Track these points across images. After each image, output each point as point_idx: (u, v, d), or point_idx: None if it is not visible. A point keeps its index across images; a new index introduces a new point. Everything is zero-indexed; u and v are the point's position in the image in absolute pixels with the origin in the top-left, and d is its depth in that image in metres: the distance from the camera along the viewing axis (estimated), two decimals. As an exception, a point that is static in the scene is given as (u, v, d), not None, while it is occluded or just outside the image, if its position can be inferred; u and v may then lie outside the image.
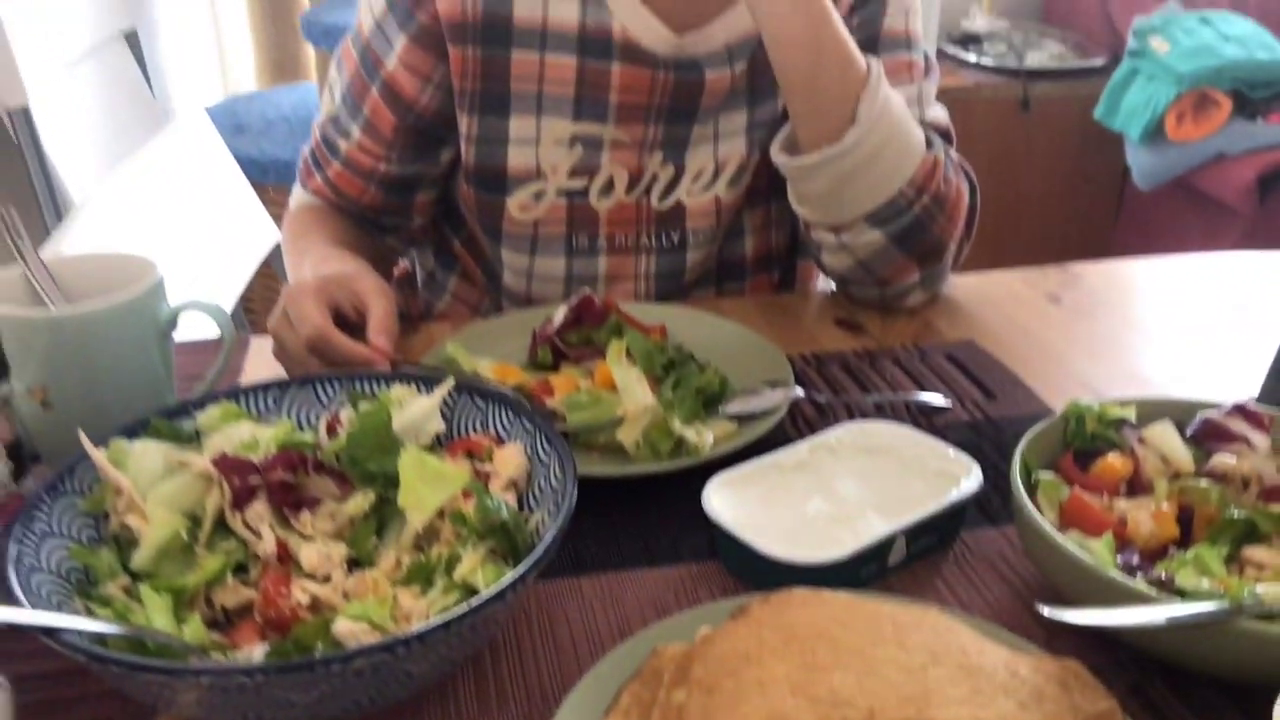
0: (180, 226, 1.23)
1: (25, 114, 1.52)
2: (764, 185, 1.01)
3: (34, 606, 0.51)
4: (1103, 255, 2.67)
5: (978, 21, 2.74)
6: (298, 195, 1.06)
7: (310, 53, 2.46)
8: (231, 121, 2.23)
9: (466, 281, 1.10)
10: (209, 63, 2.73)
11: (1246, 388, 0.78)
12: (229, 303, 1.33)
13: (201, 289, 1.24)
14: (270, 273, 1.63)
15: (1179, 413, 0.67)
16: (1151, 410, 0.67)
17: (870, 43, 0.95)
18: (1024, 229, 2.62)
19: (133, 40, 2.05)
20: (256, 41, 2.54)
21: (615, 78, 0.93)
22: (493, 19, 0.91)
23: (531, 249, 0.99)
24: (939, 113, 0.98)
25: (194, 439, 0.64)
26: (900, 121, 0.87)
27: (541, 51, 0.92)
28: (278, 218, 1.56)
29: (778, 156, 0.90)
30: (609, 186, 0.97)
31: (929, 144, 0.90)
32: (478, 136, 0.96)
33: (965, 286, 1.01)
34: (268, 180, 2.05)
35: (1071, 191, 2.62)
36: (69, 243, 0.98)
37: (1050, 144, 2.56)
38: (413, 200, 1.02)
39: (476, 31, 0.92)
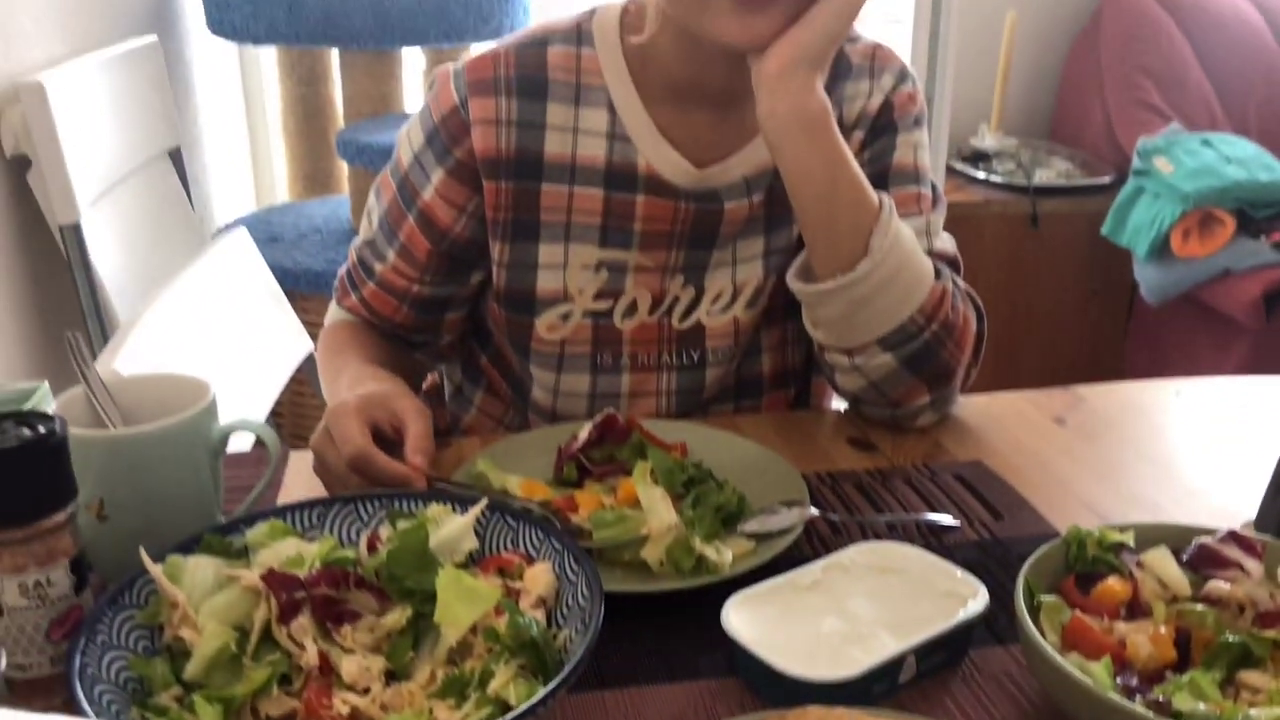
0: (221, 341, 1.29)
1: (76, 230, 1.60)
2: (780, 306, 1.06)
3: (98, 716, 0.54)
4: (1114, 367, 2.71)
5: (986, 140, 2.83)
6: (333, 312, 1.12)
7: (343, 167, 2.56)
8: (266, 232, 2.31)
9: (492, 395, 1.15)
10: (245, 175, 2.84)
11: (1247, 511, 0.81)
12: (263, 411, 1.38)
13: (237, 399, 1.29)
14: (300, 378, 1.68)
15: (1176, 538, 0.70)
16: (1149, 535, 0.70)
17: (880, 176, 1.01)
18: (1036, 341, 2.67)
19: (174, 155, 2.15)
20: (291, 155, 2.64)
21: (640, 208, 0.99)
22: (525, 155, 0.98)
23: (558, 367, 1.04)
24: (946, 243, 1.03)
25: (244, 554, 0.68)
26: (910, 253, 0.93)
27: (570, 184, 0.99)
28: (308, 323, 1.62)
29: (793, 283, 0.95)
30: (632, 308, 1.03)
31: (937, 274, 0.95)
32: (509, 262, 1.02)
33: (974, 407, 1.05)
34: (299, 288, 2.12)
35: (1081, 305, 2.67)
36: (121, 359, 1.04)
37: (1059, 258, 2.62)
38: (443, 319, 1.08)
39: (510, 167, 0.98)
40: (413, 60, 2.50)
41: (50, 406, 0.80)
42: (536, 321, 1.03)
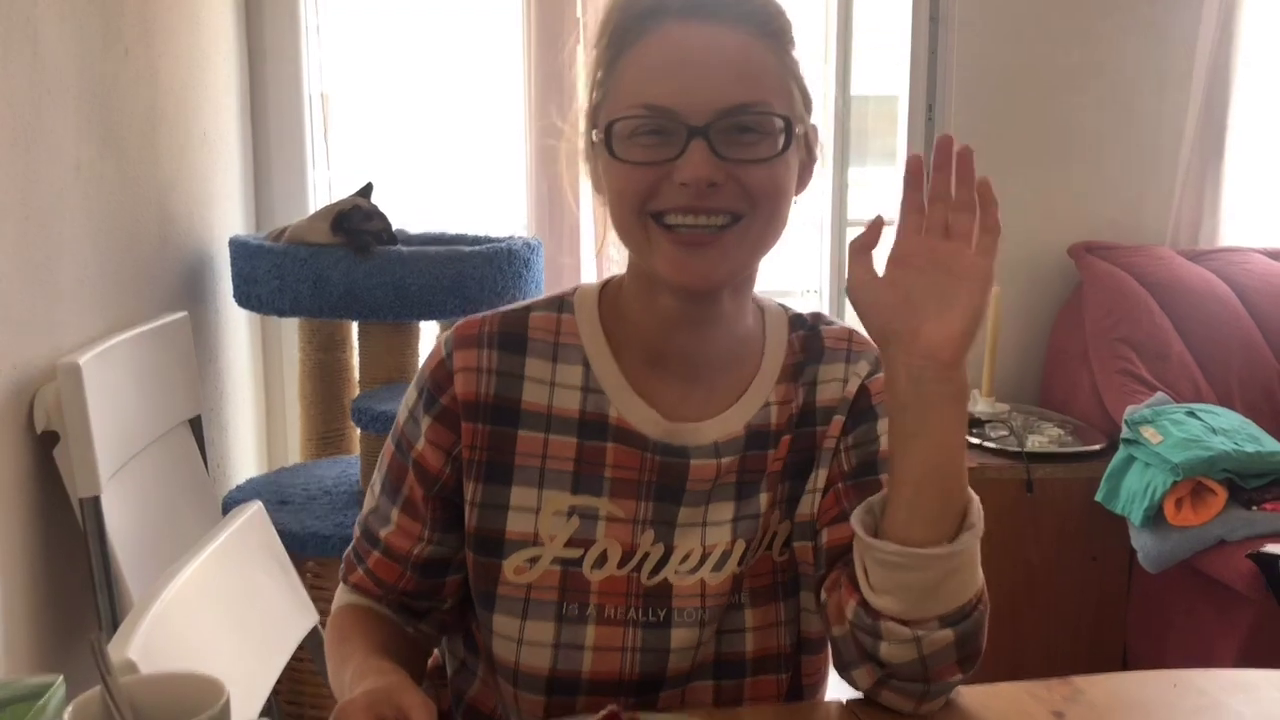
0: (230, 621, 1.30)
1: (95, 503, 1.64)
2: (769, 587, 1.08)
3: None
4: (1116, 637, 2.68)
5: (979, 405, 2.92)
6: (340, 595, 1.16)
7: (355, 429, 2.63)
8: (277, 494, 2.36)
9: (493, 667, 1.15)
10: (260, 437, 2.92)
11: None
12: (266, 688, 1.38)
13: (243, 679, 1.30)
14: (300, 651, 1.68)
15: None
16: None
17: (870, 463, 1.07)
18: (1037, 607, 2.65)
19: (194, 421, 2.23)
20: (305, 418, 2.72)
21: (609, 455, 1.05)
22: (502, 402, 1.05)
23: (523, 613, 1.05)
24: None
25: None
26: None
27: (546, 432, 1.05)
28: (313, 588, 1.64)
29: (888, 545, 0.95)
30: (603, 559, 1.05)
31: None
32: (480, 501, 1.06)
33: (974, 698, 1.06)
34: (306, 554, 2.15)
35: (1081, 571, 2.68)
36: (135, 646, 1.05)
37: (1056, 524, 2.65)
38: (444, 582, 1.11)
39: (487, 411, 1.05)
40: (429, 330, 2.63)
41: (65, 707, 0.82)
42: (504, 564, 1.05)
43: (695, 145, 0.94)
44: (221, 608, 1.30)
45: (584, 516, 1.05)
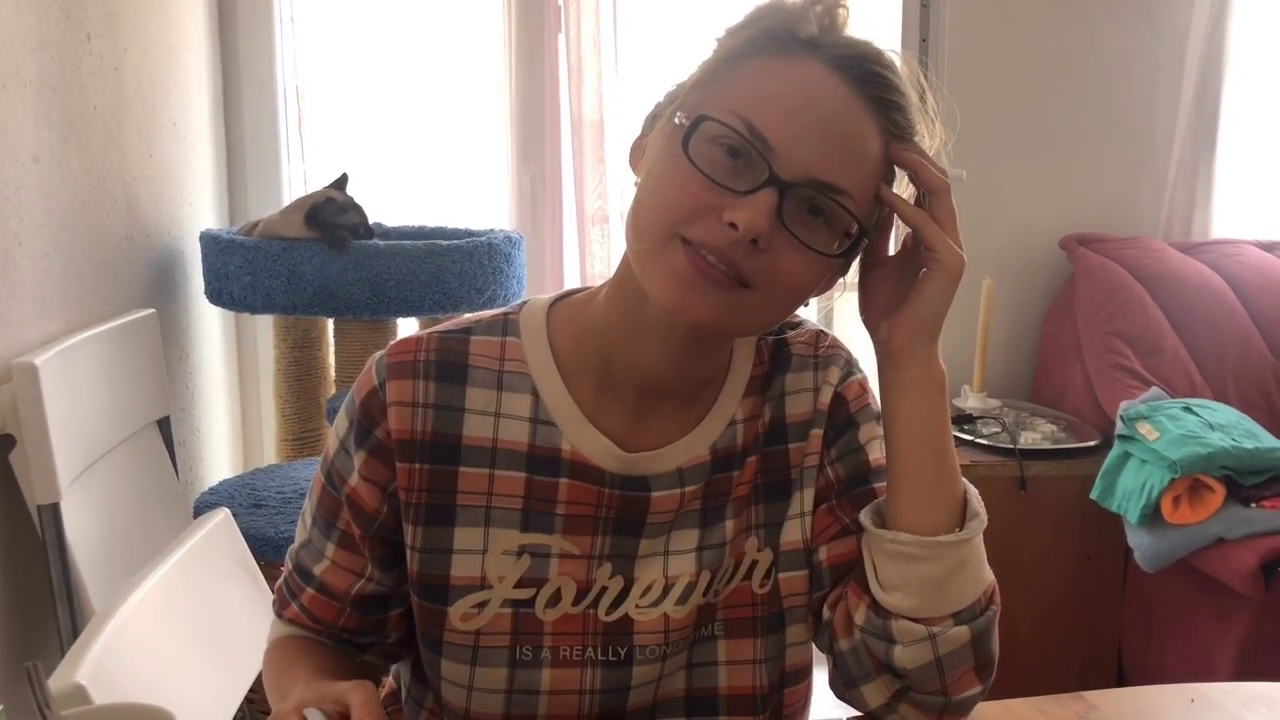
0: (194, 636, 1.24)
1: (54, 510, 1.57)
2: (746, 618, 1.01)
3: None
4: (1111, 638, 2.63)
5: (970, 400, 2.86)
6: (275, 628, 1.07)
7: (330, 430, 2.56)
8: (251, 498, 2.28)
9: (440, 699, 1.08)
10: (234, 438, 2.84)
11: None
12: (232, 706, 1.31)
13: (205, 698, 1.23)
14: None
15: None
16: None
17: (862, 474, 1.01)
18: (1031, 608, 2.60)
19: (162, 423, 2.15)
20: (281, 417, 2.65)
21: (562, 491, 0.96)
22: (441, 438, 0.95)
23: (472, 660, 0.97)
24: None
25: None
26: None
27: (491, 468, 0.96)
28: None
29: (900, 536, 0.93)
30: (556, 597, 0.97)
31: None
32: (421, 546, 0.97)
33: (984, 713, 1.01)
34: (280, 559, 2.07)
35: (1075, 570, 2.63)
36: (85, 668, 0.99)
37: (1050, 522, 2.59)
38: (387, 618, 1.02)
39: (425, 450, 0.95)
40: (408, 327, 2.56)
41: (3, 742, 0.75)
42: (449, 610, 0.97)
43: (767, 194, 0.84)
44: (184, 623, 1.23)
45: (535, 555, 0.97)
